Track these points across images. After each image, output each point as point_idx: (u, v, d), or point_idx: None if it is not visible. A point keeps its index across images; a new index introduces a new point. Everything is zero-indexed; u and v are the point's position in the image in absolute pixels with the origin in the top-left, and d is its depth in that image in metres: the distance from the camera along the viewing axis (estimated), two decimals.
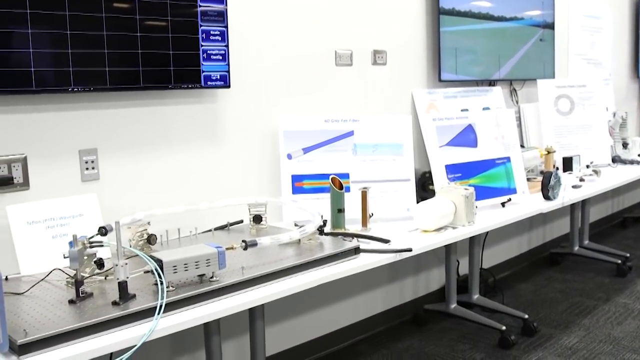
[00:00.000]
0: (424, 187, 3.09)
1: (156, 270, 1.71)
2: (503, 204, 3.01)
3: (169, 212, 2.33)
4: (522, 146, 3.87)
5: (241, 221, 2.60)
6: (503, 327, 3.28)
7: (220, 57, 2.51)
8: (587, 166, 3.81)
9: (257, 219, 2.50)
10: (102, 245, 1.81)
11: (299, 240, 2.21)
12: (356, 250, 2.20)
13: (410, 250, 2.30)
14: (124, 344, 1.55)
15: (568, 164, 3.78)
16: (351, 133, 2.85)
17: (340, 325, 3.32)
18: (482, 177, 3.01)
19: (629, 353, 3.15)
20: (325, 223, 2.34)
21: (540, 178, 3.25)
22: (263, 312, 2.35)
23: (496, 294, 3.90)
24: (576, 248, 4.68)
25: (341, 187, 2.50)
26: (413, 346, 3.32)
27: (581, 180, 3.59)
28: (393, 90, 3.43)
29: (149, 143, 2.44)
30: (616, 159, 4.27)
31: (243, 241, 1.95)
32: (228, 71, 2.54)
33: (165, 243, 2.30)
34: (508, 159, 3.11)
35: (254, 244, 1.96)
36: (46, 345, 1.47)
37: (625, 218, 5.86)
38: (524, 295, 4.05)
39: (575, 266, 4.59)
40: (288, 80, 2.91)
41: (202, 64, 2.45)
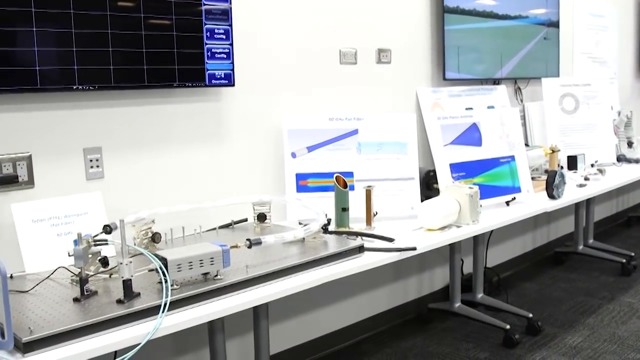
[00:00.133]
0: (429, 186, 3.09)
1: (161, 268, 1.71)
2: (507, 203, 3.01)
3: (173, 211, 2.33)
4: (527, 145, 3.86)
5: (245, 220, 2.60)
6: (507, 326, 3.27)
7: (224, 56, 2.51)
8: (592, 165, 3.81)
9: (262, 218, 2.50)
10: (107, 243, 1.82)
11: (303, 238, 2.21)
12: (360, 248, 2.20)
13: (414, 249, 2.30)
14: (129, 342, 1.55)
15: (573, 163, 3.77)
16: (355, 131, 2.85)
17: (344, 324, 3.32)
18: (487, 176, 3.00)
19: (634, 352, 3.14)
20: (329, 221, 2.34)
21: (544, 177, 3.24)
22: (267, 311, 2.36)
23: (500, 293, 3.89)
24: (581, 247, 4.67)
25: (345, 186, 2.50)
26: (417, 345, 3.32)
27: (586, 179, 3.58)
28: (397, 88, 3.42)
29: (153, 141, 2.45)
30: (621, 158, 4.26)
31: (247, 240, 1.95)
32: (232, 70, 2.54)
33: (169, 241, 2.30)
34: (512, 158, 3.10)
35: (258, 243, 1.97)
36: (51, 343, 1.48)
37: (630, 217, 5.85)
38: (528, 294, 4.04)
39: (579, 265, 4.58)
40: (292, 78, 2.91)
41: (207, 63, 2.46)
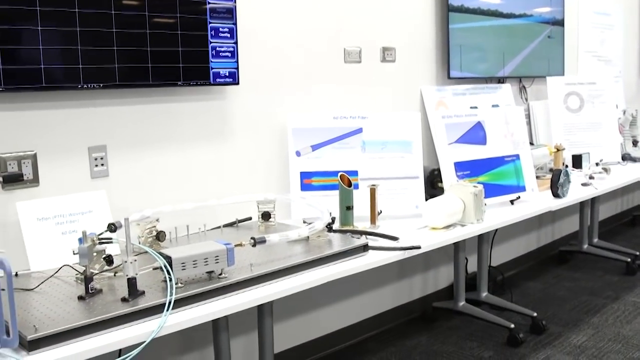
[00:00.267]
0: (433, 185, 3.08)
1: (165, 266, 1.72)
2: (512, 202, 3.00)
3: (178, 209, 2.33)
4: (532, 144, 3.85)
5: (250, 218, 2.60)
6: (511, 325, 3.27)
7: (229, 54, 2.51)
8: (597, 164, 3.80)
9: (266, 216, 2.50)
10: (112, 241, 1.83)
11: (308, 237, 2.21)
12: (365, 247, 2.20)
13: (418, 247, 2.30)
14: (133, 340, 1.56)
15: (577, 162, 3.76)
16: (360, 130, 2.85)
17: (348, 322, 3.32)
18: (491, 175, 2.99)
19: (638, 352, 3.13)
20: (333, 220, 2.34)
21: (549, 176, 3.23)
22: (271, 309, 2.35)
23: (505, 292, 3.89)
24: (585, 246, 4.66)
25: (350, 185, 2.50)
26: (421, 344, 3.32)
27: (591, 178, 3.57)
28: (402, 87, 3.42)
29: (158, 140, 2.45)
30: (626, 157, 4.24)
31: (252, 238, 1.95)
32: (237, 68, 2.54)
33: (174, 240, 2.30)
34: (517, 157, 3.09)
35: (263, 241, 1.97)
36: (56, 341, 1.48)
37: (635, 216, 5.83)
38: (533, 293, 4.03)
39: (584, 264, 4.57)
40: (297, 77, 2.91)
41: (211, 61, 2.46)
